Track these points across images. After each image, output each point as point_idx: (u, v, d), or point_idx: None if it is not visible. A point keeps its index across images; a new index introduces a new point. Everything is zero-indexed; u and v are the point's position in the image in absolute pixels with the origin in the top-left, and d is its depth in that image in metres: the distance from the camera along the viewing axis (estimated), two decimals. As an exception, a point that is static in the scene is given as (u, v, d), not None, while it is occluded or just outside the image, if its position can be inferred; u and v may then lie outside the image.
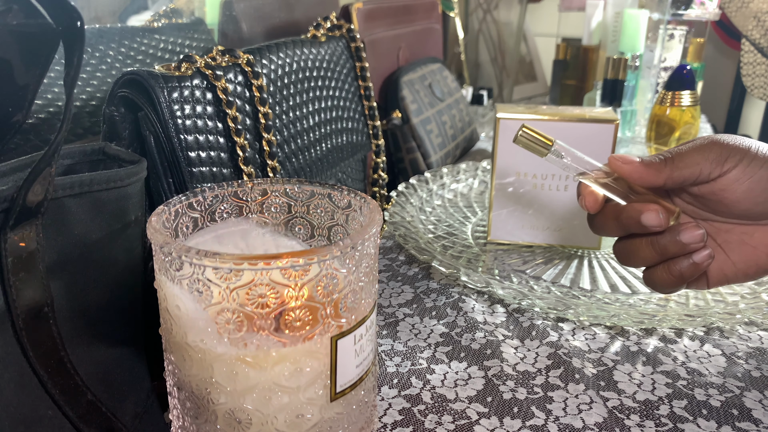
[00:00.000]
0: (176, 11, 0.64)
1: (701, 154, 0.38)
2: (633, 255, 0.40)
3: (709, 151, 0.38)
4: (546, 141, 0.41)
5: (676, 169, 0.39)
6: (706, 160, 0.38)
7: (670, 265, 0.39)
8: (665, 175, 0.39)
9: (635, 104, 1.00)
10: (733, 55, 1.50)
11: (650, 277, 0.41)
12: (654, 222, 0.37)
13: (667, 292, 0.41)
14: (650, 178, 0.39)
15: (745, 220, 0.40)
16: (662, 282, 0.40)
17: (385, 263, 0.61)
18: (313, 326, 0.29)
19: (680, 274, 0.39)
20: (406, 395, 0.42)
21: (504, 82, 1.52)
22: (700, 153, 0.39)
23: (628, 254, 0.41)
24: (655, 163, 0.39)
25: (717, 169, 0.38)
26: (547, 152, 0.41)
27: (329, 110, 0.61)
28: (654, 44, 1.02)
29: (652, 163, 0.39)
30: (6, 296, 0.27)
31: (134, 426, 0.35)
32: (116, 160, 0.37)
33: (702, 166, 0.38)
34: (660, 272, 0.40)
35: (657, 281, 0.40)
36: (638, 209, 0.38)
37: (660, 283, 0.40)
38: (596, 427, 0.39)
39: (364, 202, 0.34)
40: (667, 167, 0.39)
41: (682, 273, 0.39)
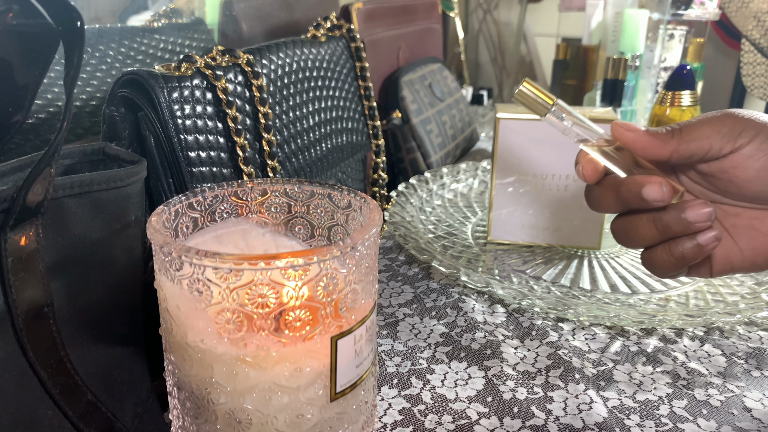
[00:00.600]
0: (176, 11, 0.64)
1: (712, 127, 0.35)
2: (632, 233, 0.37)
3: (722, 125, 0.35)
4: (546, 99, 0.38)
5: (683, 142, 0.36)
6: (718, 134, 0.35)
7: (671, 246, 0.36)
8: (671, 147, 0.36)
9: (635, 104, 1.00)
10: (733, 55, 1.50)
11: (649, 258, 0.37)
12: (656, 195, 0.34)
13: (666, 276, 0.38)
14: (655, 150, 0.36)
15: (757, 203, 0.37)
16: (662, 264, 0.37)
17: (385, 263, 0.61)
18: (313, 326, 0.29)
19: (682, 256, 0.35)
20: (406, 395, 0.42)
21: (504, 82, 1.52)
22: (711, 126, 0.35)
23: (627, 232, 0.38)
24: (661, 134, 0.36)
25: (729, 144, 0.35)
26: (546, 111, 0.38)
27: (329, 110, 0.61)
28: (654, 44, 1.02)
29: (657, 134, 0.36)
30: (6, 296, 0.27)
31: (134, 426, 0.35)
32: (116, 160, 0.37)
33: (712, 140, 0.35)
34: (660, 253, 0.36)
35: (656, 263, 0.37)
36: (640, 182, 0.35)
37: (659, 265, 0.37)
38: (596, 427, 0.39)
39: (364, 202, 0.34)
40: (674, 139, 0.36)
41: (684, 255, 0.35)
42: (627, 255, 0.62)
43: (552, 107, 0.38)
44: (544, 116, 0.38)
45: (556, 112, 0.38)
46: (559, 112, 0.38)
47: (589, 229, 0.62)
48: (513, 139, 0.60)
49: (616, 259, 0.61)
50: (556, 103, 0.38)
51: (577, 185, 0.61)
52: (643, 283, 0.56)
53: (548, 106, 0.38)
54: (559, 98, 0.38)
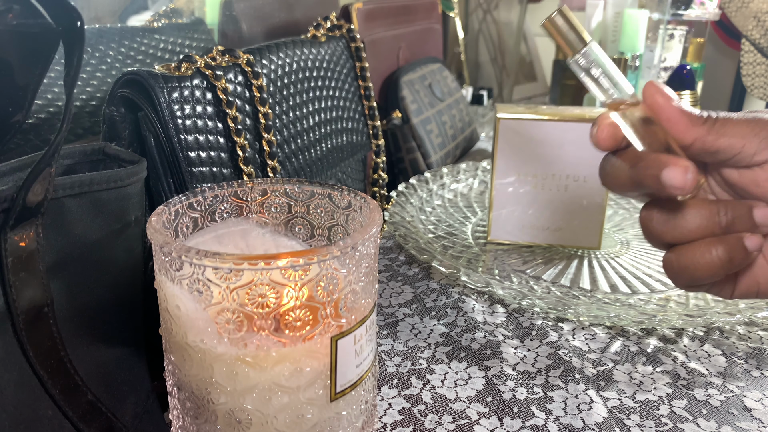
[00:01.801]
0: (176, 11, 0.64)
1: (750, 126, 0.31)
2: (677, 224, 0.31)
3: (764, 126, 0.31)
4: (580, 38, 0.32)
5: (713, 133, 0.31)
6: (756, 136, 0.31)
7: (714, 245, 0.31)
8: (696, 133, 0.31)
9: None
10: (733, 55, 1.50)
11: (681, 258, 0.32)
12: (677, 181, 0.29)
13: (696, 284, 0.32)
14: (679, 128, 0.31)
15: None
16: (697, 266, 0.31)
17: (385, 263, 0.61)
18: (313, 326, 0.29)
19: (729, 258, 0.30)
20: (406, 395, 0.42)
21: (504, 82, 1.52)
22: (750, 126, 0.31)
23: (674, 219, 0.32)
24: (692, 115, 0.31)
25: (766, 151, 0.31)
26: (575, 53, 0.33)
27: (329, 110, 0.61)
28: (654, 44, 1.02)
29: (688, 113, 0.31)
30: (6, 296, 0.27)
31: (134, 426, 0.35)
32: (116, 160, 0.37)
33: (747, 141, 0.31)
34: (698, 253, 0.31)
35: (690, 264, 0.31)
36: (663, 161, 0.29)
37: (693, 268, 0.31)
38: (596, 427, 0.39)
39: (364, 202, 0.34)
40: (704, 126, 0.31)
41: (730, 257, 0.30)
42: (627, 255, 0.62)
43: (583, 49, 0.32)
44: (573, 57, 0.33)
45: (586, 55, 0.32)
46: (589, 57, 0.32)
47: (589, 229, 0.62)
48: (513, 139, 0.60)
49: (616, 259, 0.61)
50: (589, 45, 0.32)
51: (577, 185, 0.61)
52: (643, 283, 0.57)
53: (579, 47, 0.32)
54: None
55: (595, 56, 0.32)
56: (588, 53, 0.32)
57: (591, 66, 0.33)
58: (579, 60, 0.33)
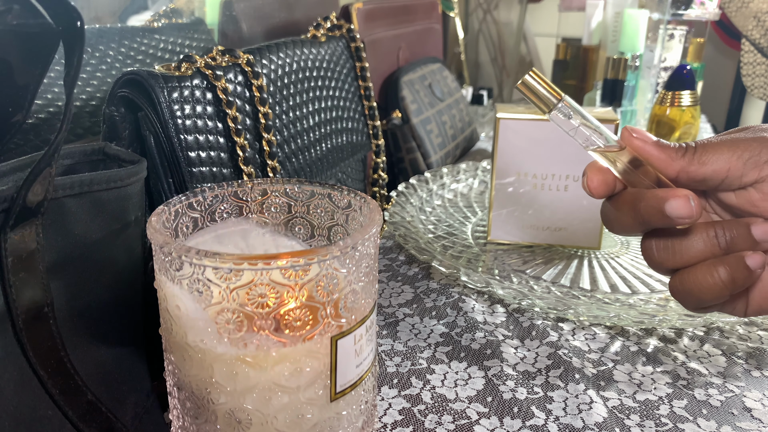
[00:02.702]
0: (176, 11, 0.64)
1: (733, 150, 0.30)
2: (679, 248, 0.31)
3: (745, 148, 0.30)
4: (553, 94, 0.33)
5: (694, 163, 0.31)
6: (739, 159, 0.30)
7: (716, 267, 0.30)
8: (678, 166, 0.31)
9: (635, 104, 1.00)
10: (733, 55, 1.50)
11: (685, 282, 0.32)
12: (682, 212, 0.29)
13: (703, 306, 0.32)
14: (659, 164, 0.32)
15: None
16: (702, 289, 0.31)
17: (385, 263, 0.61)
18: (313, 326, 0.29)
19: (731, 279, 0.30)
20: (406, 395, 0.42)
21: (504, 82, 1.52)
22: (732, 149, 0.30)
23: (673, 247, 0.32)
24: (670, 149, 0.31)
25: (753, 172, 0.30)
26: (551, 108, 0.33)
27: (329, 110, 0.61)
28: (654, 44, 1.02)
29: (666, 148, 0.32)
30: (6, 296, 0.27)
31: (134, 426, 0.35)
32: (116, 160, 0.37)
33: (732, 165, 0.30)
34: (701, 276, 0.31)
35: (695, 288, 0.31)
36: (662, 196, 0.29)
37: (698, 291, 0.31)
38: (596, 427, 0.39)
39: (364, 202, 0.34)
40: (684, 158, 0.31)
41: (733, 278, 0.30)
42: (627, 255, 0.62)
43: (558, 103, 0.33)
44: (549, 113, 0.34)
45: (562, 109, 0.33)
46: (566, 110, 0.34)
47: (589, 229, 0.62)
48: (513, 139, 0.60)
49: (616, 259, 0.61)
50: (563, 100, 0.33)
51: (577, 185, 0.61)
52: (643, 283, 0.57)
53: (554, 102, 0.34)
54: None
55: (572, 107, 0.34)
56: (563, 107, 0.34)
57: (569, 118, 0.34)
58: (557, 115, 0.34)
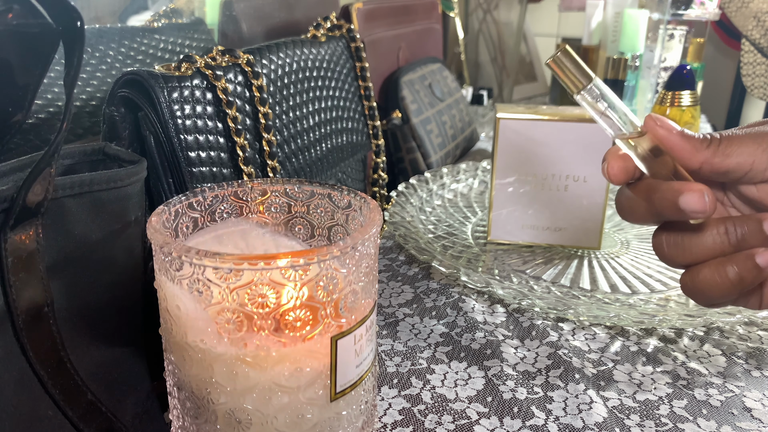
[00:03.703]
0: (176, 11, 0.64)
1: (757, 142, 0.30)
2: (690, 244, 0.31)
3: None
4: (585, 74, 0.32)
5: (718, 155, 0.31)
6: (764, 152, 0.30)
7: (725, 265, 0.30)
8: (702, 157, 0.31)
9: (635, 104, 1.00)
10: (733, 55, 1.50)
11: (695, 279, 0.32)
12: (696, 206, 0.29)
13: (713, 303, 0.32)
14: (683, 155, 0.31)
15: None
16: (713, 288, 0.31)
17: (385, 263, 0.61)
18: (313, 326, 0.29)
19: (740, 278, 0.30)
20: (406, 395, 0.42)
21: (504, 82, 1.52)
22: (755, 142, 0.30)
23: (683, 243, 0.31)
24: (695, 139, 0.31)
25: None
26: (580, 88, 0.33)
27: (329, 110, 0.61)
28: (654, 44, 1.02)
29: (690, 138, 0.31)
30: (6, 296, 0.27)
31: (134, 426, 0.35)
32: (116, 160, 0.37)
33: (756, 158, 0.30)
34: (710, 274, 0.31)
35: (704, 285, 0.31)
36: (677, 189, 0.29)
37: (709, 290, 0.31)
38: (596, 427, 0.39)
39: (364, 202, 0.34)
40: (709, 149, 0.31)
41: (741, 276, 0.30)
42: (627, 255, 0.62)
43: (588, 85, 0.33)
44: (578, 93, 0.33)
45: (591, 91, 0.33)
46: (595, 92, 0.33)
47: (589, 229, 0.62)
48: (513, 139, 0.60)
49: (616, 259, 0.61)
50: (593, 81, 0.33)
51: (577, 185, 0.61)
52: (643, 283, 0.57)
53: (583, 84, 0.33)
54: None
55: (601, 91, 0.33)
56: (593, 89, 0.33)
57: (597, 101, 0.33)
58: (585, 96, 0.33)
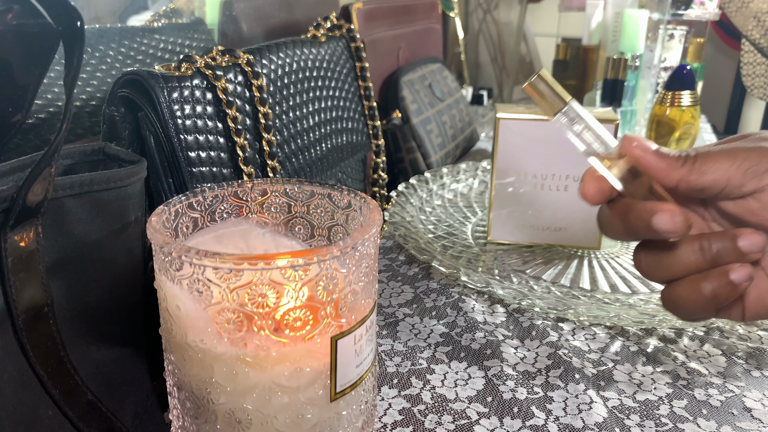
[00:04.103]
0: (176, 11, 0.64)
1: (732, 159, 0.31)
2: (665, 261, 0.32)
3: (745, 158, 0.30)
4: (560, 97, 0.33)
5: (694, 172, 0.31)
6: (738, 169, 0.30)
7: (700, 283, 0.31)
8: (678, 175, 0.32)
9: (635, 104, 1.00)
10: (733, 55, 1.50)
11: (673, 297, 0.32)
12: (667, 226, 0.30)
13: (693, 318, 0.33)
14: (659, 174, 0.32)
15: None
16: (689, 304, 0.32)
17: (385, 263, 0.61)
18: (313, 326, 0.29)
19: (714, 295, 0.30)
20: (406, 395, 0.42)
21: (504, 82, 1.52)
22: (731, 158, 0.31)
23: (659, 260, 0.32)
24: (670, 158, 0.32)
25: (752, 182, 0.30)
26: (557, 111, 0.34)
27: (329, 110, 0.61)
28: (654, 44, 1.02)
29: (666, 157, 0.32)
30: (6, 296, 0.27)
31: (134, 426, 0.35)
32: (116, 160, 0.37)
33: (731, 175, 0.31)
34: (687, 292, 0.31)
35: (682, 303, 0.32)
36: (650, 209, 0.30)
37: (685, 306, 0.32)
38: (596, 427, 0.39)
39: (364, 202, 0.34)
40: (684, 167, 0.31)
41: (716, 293, 0.30)
42: (627, 255, 0.62)
43: (564, 108, 0.34)
44: (554, 116, 0.34)
45: (568, 113, 0.34)
46: (571, 114, 0.34)
47: (589, 229, 0.62)
48: (513, 139, 0.60)
49: (616, 259, 0.61)
50: (569, 104, 0.34)
51: (577, 185, 0.61)
52: (643, 283, 0.56)
53: (560, 106, 0.34)
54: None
55: (576, 113, 0.34)
56: (569, 111, 0.34)
57: (573, 123, 0.34)
58: (561, 118, 0.34)
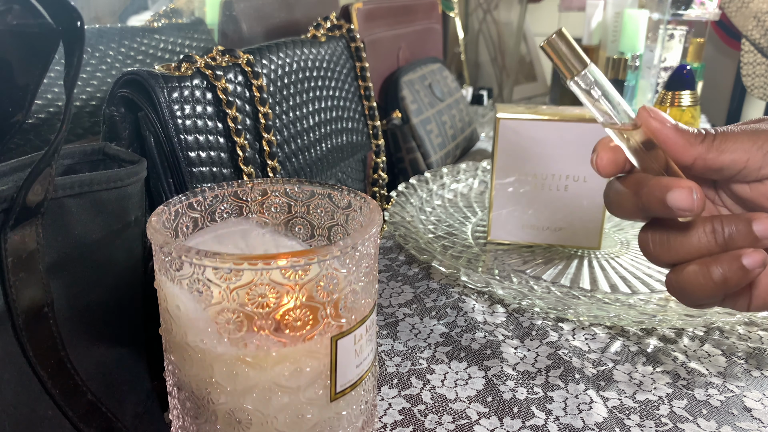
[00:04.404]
0: (176, 11, 0.64)
1: (753, 140, 0.29)
2: (675, 243, 0.30)
3: (766, 140, 0.29)
4: (580, 59, 0.31)
5: (713, 150, 0.30)
6: (759, 150, 0.29)
7: (710, 267, 0.29)
8: (696, 152, 0.30)
9: (635, 104, 1.00)
10: (733, 55, 1.50)
11: (680, 281, 0.31)
12: (684, 203, 0.28)
13: (699, 304, 0.31)
14: (676, 149, 0.30)
15: None
16: (696, 289, 0.30)
17: (385, 263, 0.61)
18: (313, 326, 0.29)
19: (724, 280, 0.29)
20: (406, 395, 0.42)
21: (504, 82, 1.52)
22: (751, 139, 0.29)
23: (669, 241, 0.30)
24: (689, 134, 0.30)
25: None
26: (574, 74, 0.31)
27: (329, 110, 0.61)
28: (654, 44, 1.02)
29: (684, 132, 0.30)
30: (6, 296, 0.27)
31: (134, 426, 0.35)
32: (116, 160, 0.37)
33: (751, 155, 0.29)
34: (694, 276, 0.30)
35: (689, 287, 0.30)
36: (665, 185, 0.28)
37: (692, 291, 0.30)
38: (596, 427, 0.39)
39: (364, 202, 0.34)
40: (703, 144, 0.30)
41: (726, 278, 0.29)
42: (627, 255, 0.62)
43: (583, 71, 0.31)
44: (571, 79, 0.32)
45: (585, 78, 0.31)
46: (589, 79, 0.31)
47: (589, 229, 0.62)
48: (513, 139, 0.60)
49: (616, 259, 0.61)
50: (588, 68, 0.31)
51: (577, 185, 0.61)
52: (643, 283, 0.56)
53: (578, 69, 0.31)
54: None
55: (595, 78, 0.32)
56: (587, 75, 0.32)
57: (591, 88, 0.32)
58: (579, 82, 0.32)
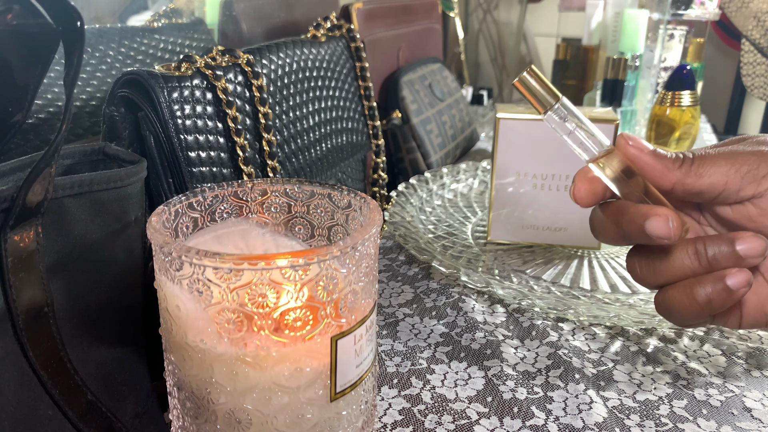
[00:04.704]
0: (176, 11, 0.64)
1: (731, 163, 0.30)
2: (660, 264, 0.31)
3: (743, 162, 0.30)
4: (551, 94, 0.32)
5: (691, 175, 0.30)
6: (736, 173, 0.30)
7: (694, 288, 0.30)
8: (674, 177, 0.31)
9: (635, 104, 1.00)
10: (733, 55, 1.50)
11: (666, 302, 0.31)
12: (660, 231, 0.29)
13: (687, 324, 0.32)
14: (655, 175, 0.31)
15: None
16: (682, 309, 0.30)
17: (385, 263, 0.61)
18: (313, 326, 0.29)
19: (708, 301, 0.29)
20: (406, 395, 0.42)
21: (504, 82, 1.52)
22: (728, 162, 0.30)
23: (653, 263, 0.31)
24: (667, 159, 0.31)
25: (750, 186, 0.30)
26: (548, 108, 0.32)
27: (329, 110, 0.61)
28: (654, 44, 1.02)
29: (662, 158, 0.31)
30: (6, 296, 0.27)
31: (134, 426, 0.35)
32: (116, 160, 0.37)
33: (729, 178, 0.30)
34: (679, 296, 0.30)
35: (675, 308, 0.31)
36: (643, 213, 0.29)
37: (679, 311, 0.31)
38: (596, 427, 0.39)
39: (364, 202, 0.34)
40: (681, 169, 0.30)
41: (710, 299, 0.29)
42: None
43: (555, 105, 0.32)
44: (545, 113, 0.33)
45: (558, 111, 0.32)
46: (562, 112, 0.32)
47: (589, 229, 0.62)
48: (513, 139, 0.60)
49: (616, 259, 0.61)
50: (560, 101, 0.32)
51: (577, 185, 0.61)
52: (643, 283, 0.57)
53: (551, 103, 0.32)
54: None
55: (568, 110, 0.32)
56: (560, 109, 0.32)
57: (564, 120, 0.32)
58: (552, 116, 0.33)
